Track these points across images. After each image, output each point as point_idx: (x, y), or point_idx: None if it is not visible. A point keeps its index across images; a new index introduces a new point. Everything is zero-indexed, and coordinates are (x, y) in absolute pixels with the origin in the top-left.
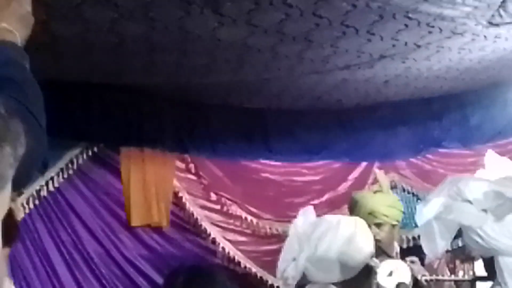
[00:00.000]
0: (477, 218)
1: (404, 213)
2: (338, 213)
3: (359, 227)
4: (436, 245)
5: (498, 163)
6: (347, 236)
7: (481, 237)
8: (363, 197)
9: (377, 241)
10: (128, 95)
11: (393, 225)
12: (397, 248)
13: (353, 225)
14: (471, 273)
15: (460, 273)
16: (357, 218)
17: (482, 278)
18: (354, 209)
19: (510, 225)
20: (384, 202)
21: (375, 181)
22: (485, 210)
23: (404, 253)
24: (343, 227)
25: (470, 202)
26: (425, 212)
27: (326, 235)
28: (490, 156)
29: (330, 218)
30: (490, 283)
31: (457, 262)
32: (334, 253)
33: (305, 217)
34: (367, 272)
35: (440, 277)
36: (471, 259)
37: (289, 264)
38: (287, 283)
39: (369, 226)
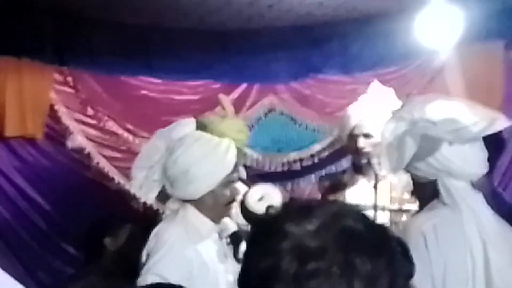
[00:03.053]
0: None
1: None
2: None
3: (218, 149)
4: (403, 160)
5: (381, 93)
6: (196, 155)
7: (436, 158)
8: (211, 122)
9: None
10: (7, 4)
11: (240, 150)
12: (243, 173)
13: (211, 146)
14: (341, 199)
15: (331, 199)
16: (224, 140)
17: None
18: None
19: (464, 149)
20: (233, 127)
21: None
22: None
23: (280, 178)
24: (198, 145)
25: (433, 123)
26: (394, 128)
27: (178, 148)
28: (375, 86)
29: (192, 133)
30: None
31: (329, 189)
32: (179, 169)
33: (181, 128)
34: (219, 196)
35: None
36: (341, 186)
37: (143, 172)
38: (137, 190)
39: None
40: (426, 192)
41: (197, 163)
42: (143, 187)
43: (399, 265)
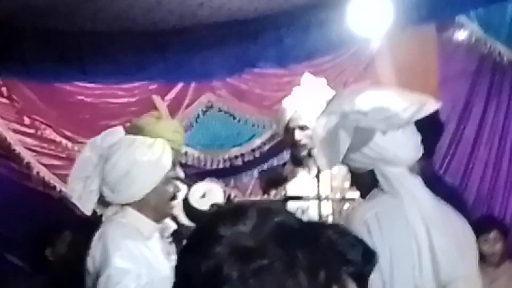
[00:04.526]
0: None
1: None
2: None
3: (154, 148)
4: (338, 154)
5: (314, 84)
6: (134, 156)
7: (370, 148)
8: (146, 124)
9: None
10: None
11: (177, 150)
12: (180, 173)
13: (145, 145)
14: (283, 193)
15: (273, 193)
16: (156, 140)
17: (293, 198)
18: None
19: (397, 135)
20: (169, 128)
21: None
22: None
23: (222, 174)
24: (133, 147)
25: (364, 113)
26: (325, 123)
27: (114, 154)
28: (307, 78)
29: (124, 138)
30: (302, 203)
31: (270, 182)
32: (119, 172)
33: (109, 137)
34: (162, 194)
35: (252, 198)
36: (283, 179)
37: (78, 183)
38: (77, 201)
39: None
40: (365, 182)
41: (136, 164)
42: (82, 198)
43: (339, 256)
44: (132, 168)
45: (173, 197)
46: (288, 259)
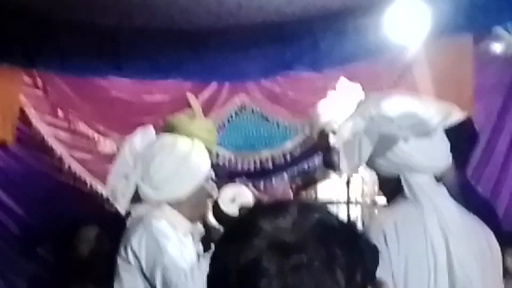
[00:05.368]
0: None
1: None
2: None
3: (196, 148)
4: (360, 159)
5: (349, 89)
6: (181, 156)
7: (396, 154)
8: (180, 122)
9: None
10: None
11: (209, 150)
12: (212, 173)
13: (189, 145)
14: (313, 196)
15: (303, 196)
16: (195, 140)
17: (323, 202)
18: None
19: (424, 143)
20: (202, 126)
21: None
22: (400, 128)
23: (252, 176)
24: (178, 147)
25: (390, 119)
26: (351, 126)
27: (159, 153)
28: (342, 83)
29: (166, 137)
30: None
31: (300, 185)
32: (166, 171)
33: (144, 136)
34: (203, 193)
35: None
36: (314, 182)
37: (120, 180)
38: (115, 199)
39: None
40: (391, 188)
41: (184, 163)
42: (120, 196)
43: (369, 258)
44: (180, 168)
45: (210, 196)
46: (327, 256)
